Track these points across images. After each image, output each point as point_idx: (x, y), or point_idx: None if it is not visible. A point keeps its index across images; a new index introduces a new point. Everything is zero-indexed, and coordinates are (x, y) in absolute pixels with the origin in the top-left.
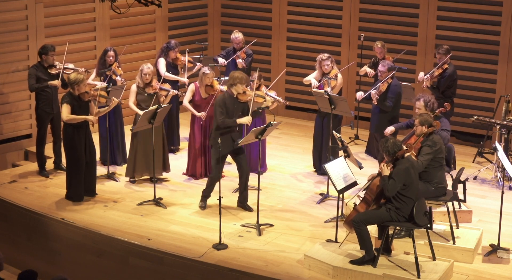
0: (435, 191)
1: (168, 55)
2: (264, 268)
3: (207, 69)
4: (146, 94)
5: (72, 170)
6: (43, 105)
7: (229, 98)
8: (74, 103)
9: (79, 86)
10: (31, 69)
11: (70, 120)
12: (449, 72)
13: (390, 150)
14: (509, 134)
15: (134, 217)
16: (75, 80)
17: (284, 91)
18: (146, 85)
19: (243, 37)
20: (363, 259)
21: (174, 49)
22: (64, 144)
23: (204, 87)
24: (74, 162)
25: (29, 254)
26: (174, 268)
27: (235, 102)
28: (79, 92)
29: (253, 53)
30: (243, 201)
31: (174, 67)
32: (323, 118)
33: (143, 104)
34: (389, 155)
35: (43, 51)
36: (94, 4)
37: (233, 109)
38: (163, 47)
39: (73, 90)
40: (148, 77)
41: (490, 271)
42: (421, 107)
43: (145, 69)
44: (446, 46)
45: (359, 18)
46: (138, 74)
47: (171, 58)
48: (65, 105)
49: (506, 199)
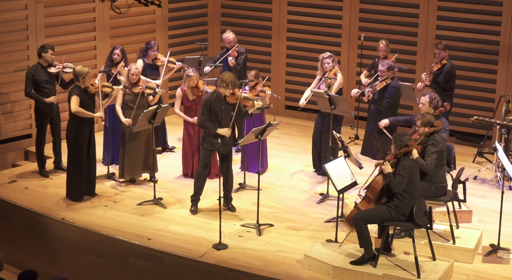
0: (436, 190)
1: (147, 55)
2: (264, 268)
3: (191, 71)
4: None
5: (73, 168)
6: (42, 105)
7: (217, 99)
8: (82, 96)
9: (84, 79)
10: (29, 72)
11: (78, 112)
12: (448, 67)
13: (403, 144)
14: (509, 134)
15: (134, 217)
16: (80, 73)
17: (284, 91)
18: (132, 85)
19: (234, 37)
20: (363, 258)
21: (152, 48)
22: (67, 139)
23: (191, 90)
24: (76, 158)
25: (29, 254)
26: (174, 268)
27: (223, 103)
28: (85, 85)
29: (245, 51)
30: (228, 202)
31: (155, 68)
32: (323, 118)
33: (131, 104)
34: (399, 148)
35: (42, 50)
36: (94, 4)
37: (221, 110)
38: (142, 48)
39: (78, 82)
40: (135, 78)
41: (490, 271)
42: (426, 103)
43: (133, 69)
44: (445, 42)
45: (359, 18)
46: (125, 74)
47: (151, 58)
48: (75, 97)
49: (506, 199)
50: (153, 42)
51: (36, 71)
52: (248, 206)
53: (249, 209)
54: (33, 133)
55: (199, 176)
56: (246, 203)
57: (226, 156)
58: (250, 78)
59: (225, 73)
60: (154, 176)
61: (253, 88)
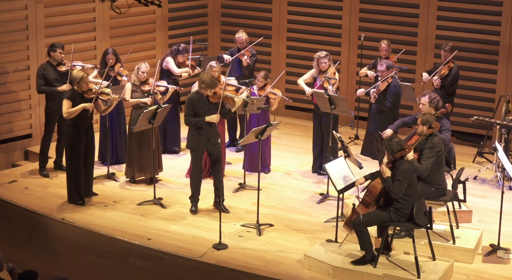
0: (435, 192)
1: (176, 58)
2: (264, 268)
3: (214, 63)
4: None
5: (72, 172)
6: (52, 104)
7: (199, 99)
8: (76, 100)
9: (79, 84)
10: (39, 69)
11: (69, 114)
12: (455, 70)
13: (394, 148)
14: (509, 134)
15: (134, 217)
16: (75, 77)
17: (284, 91)
18: (141, 83)
19: (247, 37)
20: (364, 258)
21: (183, 54)
22: (65, 144)
23: None
24: (73, 163)
25: (29, 254)
26: (174, 268)
27: (206, 102)
28: (80, 90)
29: (257, 53)
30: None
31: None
32: (320, 118)
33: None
34: (392, 153)
35: (51, 49)
36: (94, 4)
37: (204, 110)
38: (174, 49)
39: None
40: (145, 76)
41: (490, 271)
42: (426, 103)
43: (143, 67)
44: (451, 44)
45: (359, 18)
46: (134, 72)
47: (178, 61)
48: (65, 101)
49: (506, 199)
50: (183, 46)
51: (46, 70)
52: (248, 206)
53: (249, 209)
54: (33, 134)
55: (192, 177)
56: (246, 203)
57: (216, 157)
58: (259, 79)
59: (203, 74)
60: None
61: (262, 89)
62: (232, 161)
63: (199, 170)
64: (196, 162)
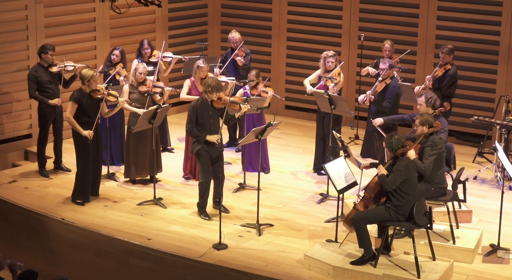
0: (435, 191)
1: (141, 55)
2: (264, 268)
3: (202, 63)
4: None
5: (82, 171)
6: (45, 106)
7: (203, 105)
8: (83, 101)
9: (89, 82)
10: (30, 72)
11: (68, 121)
12: (451, 73)
13: (394, 146)
14: (509, 134)
15: (134, 217)
16: (85, 76)
17: (284, 91)
18: (139, 84)
19: (240, 37)
20: (363, 258)
21: (143, 47)
22: (74, 143)
23: (200, 81)
24: (82, 162)
25: (29, 254)
26: (174, 268)
27: (210, 108)
28: (90, 89)
29: (250, 52)
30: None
31: (154, 65)
32: (322, 118)
33: (137, 103)
34: (392, 150)
35: (42, 50)
36: (94, 4)
37: (208, 116)
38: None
39: (84, 86)
40: (142, 77)
41: (490, 271)
42: (422, 103)
43: (141, 68)
44: (450, 46)
45: (359, 18)
46: (131, 73)
47: (146, 57)
48: (71, 103)
49: (506, 199)
50: (144, 41)
51: (37, 72)
52: (248, 206)
53: (249, 209)
54: (33, 134)
55: (201, 186)
56: (246, 203)
57: (216, 159)
58: (251, 78)
59: (208, 78)
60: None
61: (255, 88)
62: (231, 161)
63: (208, 177)
64: (204, 166)
